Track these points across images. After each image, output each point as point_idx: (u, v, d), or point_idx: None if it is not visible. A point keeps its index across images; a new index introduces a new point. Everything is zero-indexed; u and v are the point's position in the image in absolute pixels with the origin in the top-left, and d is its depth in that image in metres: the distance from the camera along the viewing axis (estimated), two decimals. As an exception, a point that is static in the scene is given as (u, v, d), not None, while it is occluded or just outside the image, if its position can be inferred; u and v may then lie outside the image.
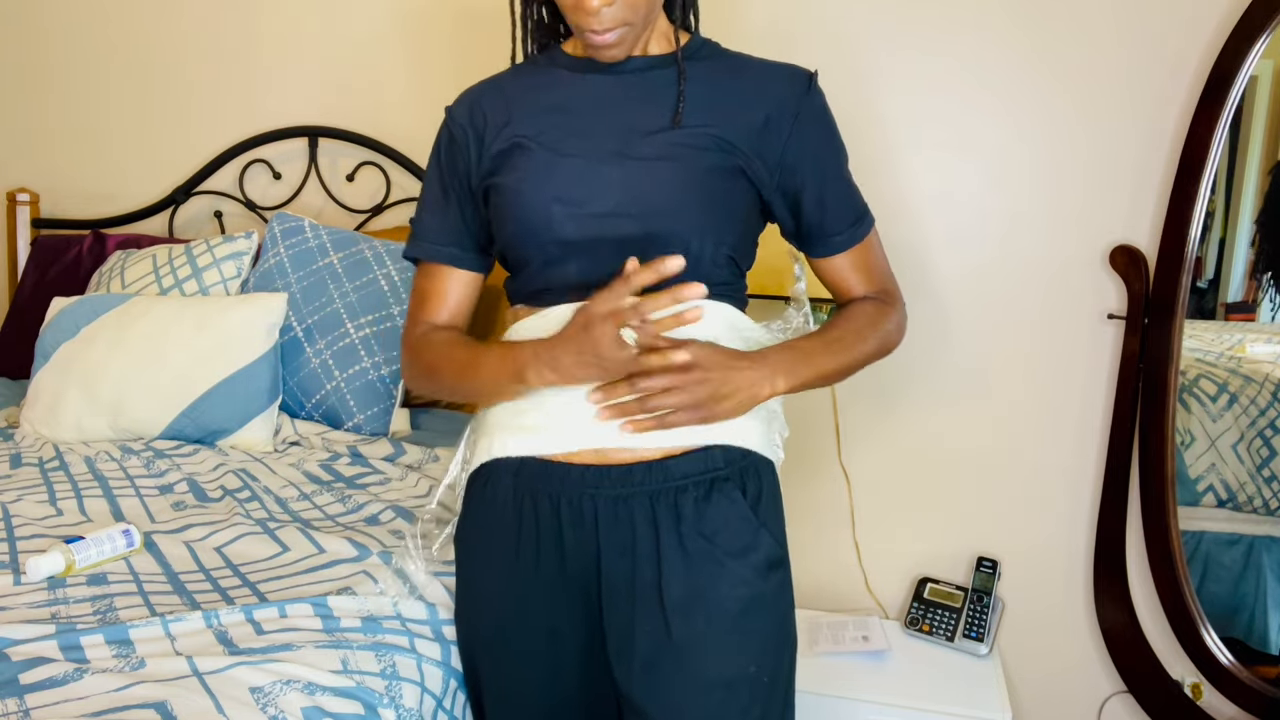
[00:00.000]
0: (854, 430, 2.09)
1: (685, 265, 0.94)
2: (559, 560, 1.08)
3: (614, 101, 1.09)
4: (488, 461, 1.12)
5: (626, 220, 1.04)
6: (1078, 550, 2.00)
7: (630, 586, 1.06)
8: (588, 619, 1.10)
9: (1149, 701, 1.92)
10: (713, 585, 1.04)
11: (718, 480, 1.06)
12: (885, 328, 1.16)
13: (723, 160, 1.07)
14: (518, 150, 1.09)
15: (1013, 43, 1.90)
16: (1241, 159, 1.81)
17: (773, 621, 1.08)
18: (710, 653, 1.04)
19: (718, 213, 1.07)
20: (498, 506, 1.11)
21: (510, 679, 1.14)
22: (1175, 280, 1.78)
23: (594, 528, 1.06)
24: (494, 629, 1.13)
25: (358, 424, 1.89)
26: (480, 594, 1.14)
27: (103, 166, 2.49)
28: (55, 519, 1.45)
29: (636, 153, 1.06)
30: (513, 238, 1.09)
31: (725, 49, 1.15)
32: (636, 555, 1.05)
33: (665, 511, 1.05)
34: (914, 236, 2.00)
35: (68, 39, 2.47)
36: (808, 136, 1.10)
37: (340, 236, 2.05)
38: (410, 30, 2.24)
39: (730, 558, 1.05)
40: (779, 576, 1.09)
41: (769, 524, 1.09)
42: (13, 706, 0.95)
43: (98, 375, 1.84)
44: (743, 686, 1.05)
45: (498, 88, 1.15)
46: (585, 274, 1.06)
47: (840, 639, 1.92)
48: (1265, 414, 1.83)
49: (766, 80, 1.10)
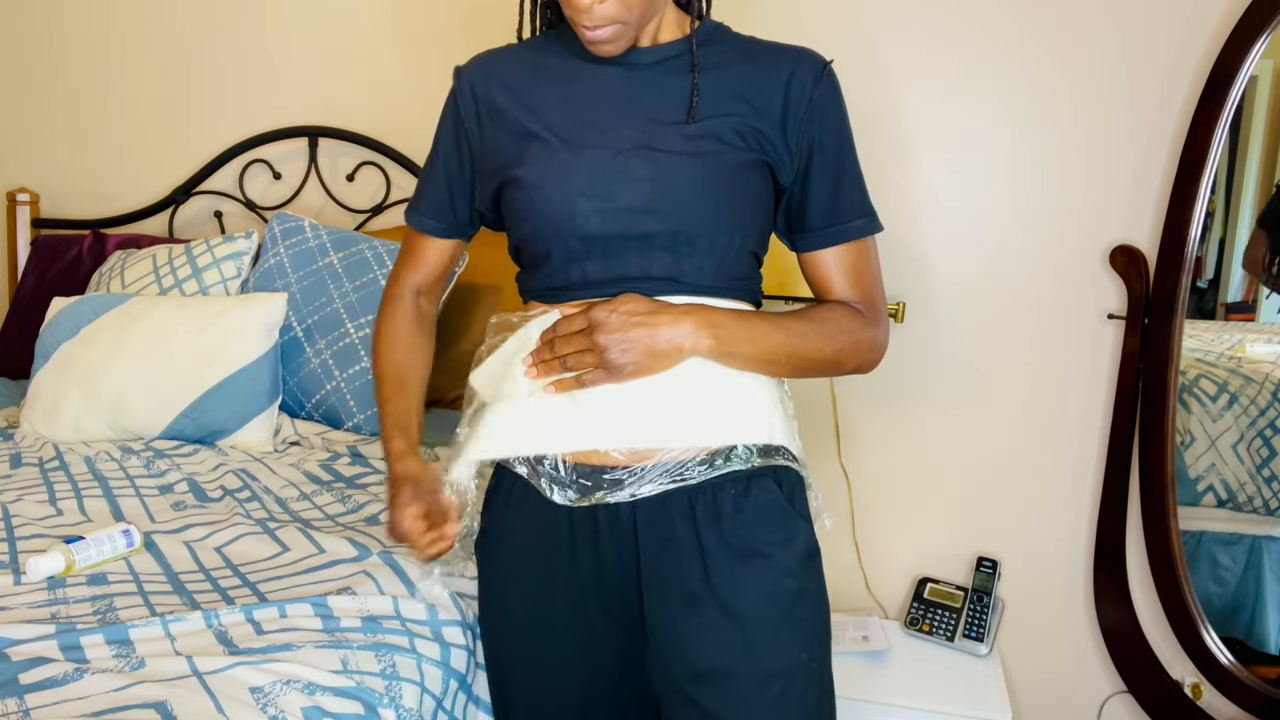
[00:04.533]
0: (854, 430, 2.09)
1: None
2: (595, 560, 1.08)
3: (631, 93, 1.07)
4: None
5: (655, 217, 1.03)
6: (1078, 550, 2.00)
7: (675, 585, 1.06)
8: (625, 618, 1.10)
9: (1149, 701, 1.92)
10: (762, 578, 1.05)
11: (754, 475, 1.07)
12: (858, 338, 1.09)
13: (747, 154, 1.06)
14: (534, 141, 1.07)
15: (1013, 43, 1.90)
16: (1241, 159, 1.81)
17: (818, 609, 1.10)
18: (767, 645, 1.04)
19: (743, 209, 1.06)
20: (529, 507, 1.10)
21: (543, 678, 1.13)
22: (1175, 280, 1.78)
23: (631, 527, 1.06)
24: (527, 629, 1.12)
25: (358, 424, 1.89)
26: (512, 594, 1.13)
27: (103, 166, 2.50)
28: (55, 519, 1.45)
29: (661, 145, 1.04)
30: (533, 233, 1.07)
31: (736, 33, 1.13)
32: (678, 553, 1.05)
33: (705, 508, 1.05)
34: (915, 236, 2.00)
35: (68, 39, 2.47)
36: (822, 124, 1.09)
37: (340, 236, 2.06)
38: (410, 30, 2.24)
39: (774, 548, 1.05)
40: (817, 566, 1.10)
41: (804, 514, 1.11)
42: (13, 706, 0.95)
43: (98, 375, 1.84)
44: (799, 674, 1.05)
45: (511, 63, 1.13)
46: (606, 270, 1.05)
47: (840, 639, 1.92)
48: (1265, 414, 1.83)
49: (781, 66, 1.08)
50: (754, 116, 1.06)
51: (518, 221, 1.09)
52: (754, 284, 1.12)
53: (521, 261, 1.14)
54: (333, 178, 2.33)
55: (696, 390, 1.04)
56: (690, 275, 1.05)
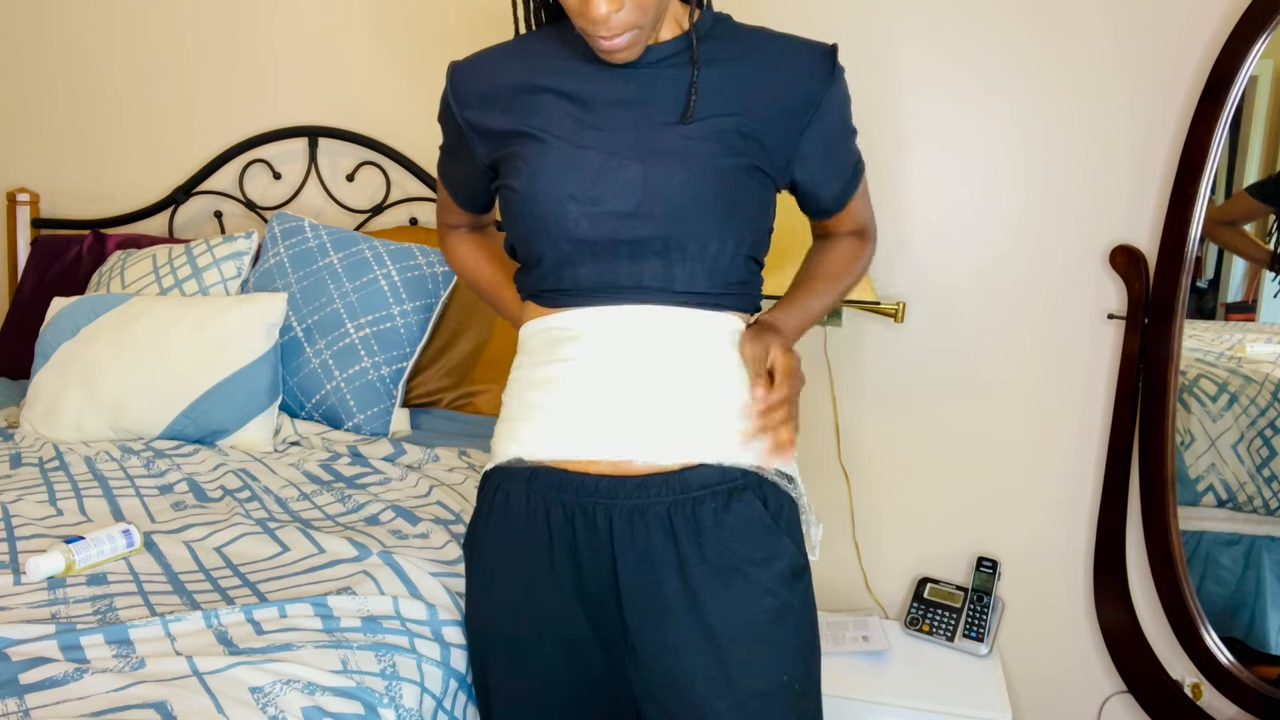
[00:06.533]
0: (854, 430, 2.09)
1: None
2: (574, 569, 1.07)
3: (629, 92, 1.04)
4: (500, 466, 1.11)
5: (645, 222, 1.02)
6: (1078, 550, 2.00)
7: (652, 598, 1.04)
8: (608, 627, 1.09)
9: (1149, 701, 1.92)
10: (740, 596, 1.02)
11: (735, 490, 1.04)
12: (859, 268, 1.23)
13: (743, 158, 1.04)
14: (530, 142, 1.05)
15: (1013, 43, 1.90)
16: (1241, 159, 1.81)
17: (801, 630, 1.06)
18: (744, 664, 1.02)
19: (736, 215, 1.04)
20: (512, 513, 1.09)
21: (525, 684, 1.13)
22: (1175, 280, 1.78)
23: (609, 538, 1.05)
24: (510, 634, 1.12)
25: (358, 424, 1.89)
26: (496, 599, 1.13)
27: (103, 166, 2.50)
28: (55, 519, 1.45)
29: (655, 148, 1.02)
30: (525, 235, 1.07)
31: (739, 25, 1.10)
32: (655, 566, 1.04)
33: (684, 523, 1.03)
34: (915, 237, 2.00)
35: (68, 39, 2.47)
36: (827, 125, 1.08)
37: (340, 236, 2.05)
38: (411, 30, 2.24)
39: (754, 566, 1.03)
40: (804, 584, 1.07)
41: (790, 532, 1.07)
42: (13, 706, 0.95)
43: (98, 375, 1.84)
44: (778, 697, 1.03)
45: (507, 62, 1.11)
46: (598, 276, 1.04)
47: (840, 639, 1.92)
48: (1265, 414, 1.83)
49: (786, 63, 1.06)
50: (758, 117, 1.04)
51: (512, 223, 1.09)
52: (751, 289, 1.11)
53: (518, 260, 1.15)
54: (333, 178, 2.34)
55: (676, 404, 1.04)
56: (682, 282, 1.04)
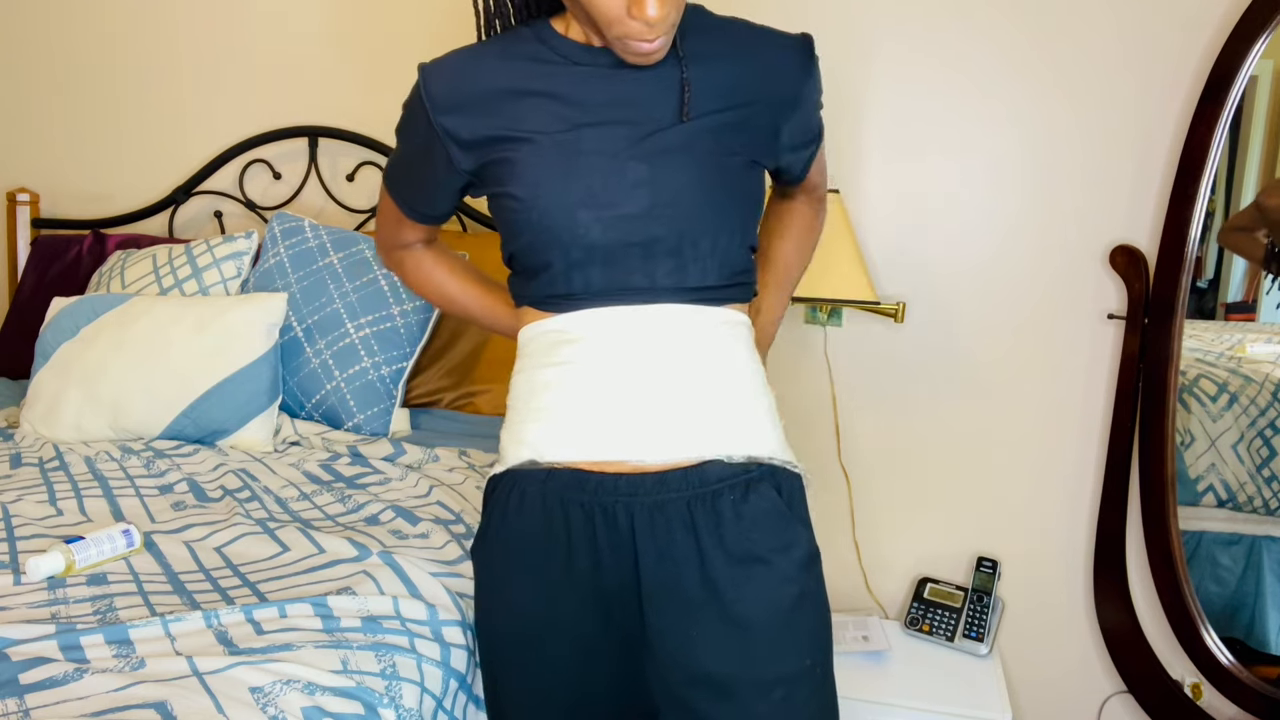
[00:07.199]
0: (854, 430, 2.09)
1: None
2: (593, 568, 1.07)
3: (622, 92, 1.03)
4: (513, 468, 1.10)
5: (659, 221, 1.02)
6: (1078, 550, 2.00)
7: (673, 593, 1.05)
8: (624, 626, 1.09)
9: (1149, 701, 1.92)
10: (763, 584, 1.04)
11: (752, 481, 1.06)
12: (816, 237, 1.31)
13: (740, 151, 1.05)
14: (524, 146, 1.03)
15: (1012, 43, 1.90)
16: (1241, 159, 1.81)
17: (819, 614, 1.09)
18: (769, 652, 1.04)
19: (742, 207, 1.07)
20: (528, 514, 1.08)
21: (538, 685, 1.12)
22: (1175, 280, 1.78)
23: (630, 535, 1.05)
24: (522, 636, 1.12)
25: (358, 424, 1.89)
26: (509, 600, 1.12)
27: (102, 167, 2.50)
28: (55, 519, 1.45)
29: (658, 146, 1.02)
30: (530, 245, 1.04)
31: (715, 16, 1.09)
32: (676, 561, 1.04)
33: (704, 515, 1.04)
34: (915, 237, 2.00)
35: (68, 39, 2.47)
36: (803, 112, 1.12)
37: (340, 236, 2.05)
38: (411, 29, 2.24)
39: (775, 554, 1.05)
40: (818, 570, 1.10)
41: (803, 520, 1.10)
42: (13, 706, 0.95)
43: (98, 375, 1.84)
44: (803, 681, 1.05)
45: (486, 63, 1.05)
46: (610, 279, 1.03)
47: (840, 639, 1.92)
48: (1265, 414, 1.83)
49: (766, 58, 1.07)
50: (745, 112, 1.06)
51: (513, 234, 1.06)
52: (751, 276, 1.12)
53: (515, 268, 1.11)
54: (333, 178, 2.34)
55: (693, 401, 1.04)
56: (695, 278, 1.04)
